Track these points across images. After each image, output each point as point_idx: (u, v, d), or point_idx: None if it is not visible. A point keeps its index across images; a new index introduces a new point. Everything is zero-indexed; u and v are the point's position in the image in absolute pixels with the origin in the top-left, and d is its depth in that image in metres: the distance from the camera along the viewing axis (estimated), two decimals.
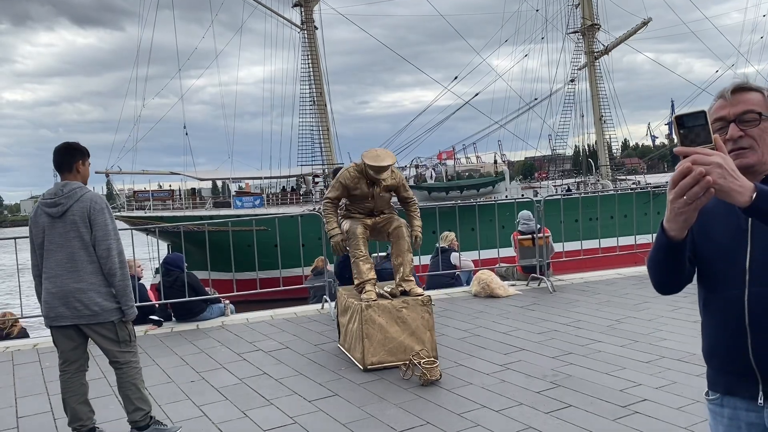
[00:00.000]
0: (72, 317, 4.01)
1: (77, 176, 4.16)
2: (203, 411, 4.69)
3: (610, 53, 42.05)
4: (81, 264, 3.99)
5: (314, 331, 7.01)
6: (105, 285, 4.04)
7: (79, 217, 3.98)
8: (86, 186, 4.17)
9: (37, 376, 5.86)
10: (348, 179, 5.87)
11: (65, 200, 4.01)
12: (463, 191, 32.22)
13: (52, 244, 4.02)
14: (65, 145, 4.23)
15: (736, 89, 1.81)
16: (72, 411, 4.10)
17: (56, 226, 4.00)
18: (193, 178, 35.97)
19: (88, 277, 4.00)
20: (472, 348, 5.97)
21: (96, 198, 4.07)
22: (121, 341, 4.10)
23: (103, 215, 4.01)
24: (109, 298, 4.05)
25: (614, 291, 8.27)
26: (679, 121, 1.57)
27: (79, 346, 4.17)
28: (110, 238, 4.01)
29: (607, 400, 4.44)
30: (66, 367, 4.15)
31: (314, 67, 36.61)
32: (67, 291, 3.98)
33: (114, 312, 4.06)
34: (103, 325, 4.04)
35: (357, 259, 5.84)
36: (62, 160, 4.15)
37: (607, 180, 39.10)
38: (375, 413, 4.44)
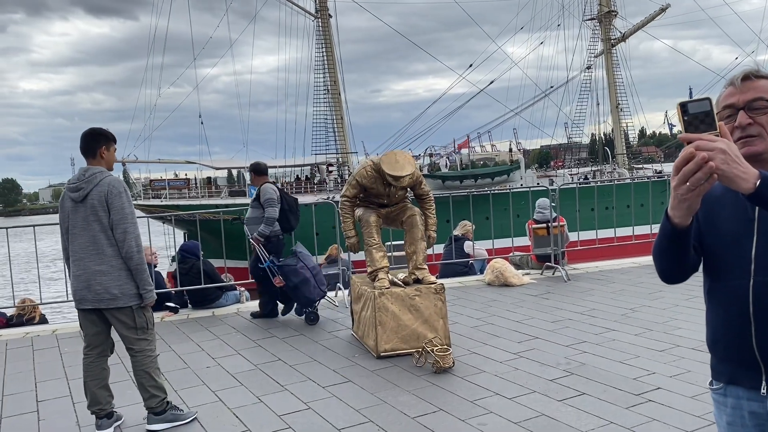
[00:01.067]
0: (93, 300, 4.07)
1: (101, 162, 4.21)
2: (219, 396, 4.75)
3: (627, 40, 41.56)
4: (102, 247, 4.05)
5: (328, 318, 7.06)
6: (125, 269, 4.08)
7: (98, 201, 4.03)
8: (108, 171, 4.21)
9: (56, 361, 5.97)
10: (365, 178, 5.85)
11: (86, 185, 4.06)
12: (477, 180, 32.11)
13: (75, 228, 4.09)
14: (90, 130, 4.27)
15: (747, 76, 1.79)
16: (92, 395, 4.17)
17: (78, 210, 4.07)
18: (209, 167, 36.20)
19: (109, 260, 4.05)
20: (485, 336, 5.98)
21: (114, 182, 4.11)
22: (138, 328, 4.15)
23: (120, 199, 4.05)
24: (129, 282, 4.09)
25: (629, 280, 8.22)
26: (683, 108, 1.55)
27: (102, 332, 4.24)
28: (127, 221, 4.05)
29: (620, 388, 4.43)
30: (89, 351, 4.22)
31: (328, 55, 36.57)
32: (89, 274, 4.05)
33: (133, 297, 4.11)
34: (121, 310, 4.10)
35: (370, 247, 5.86)
36: (86, 146, 4.20)
37: (623, 168, 38.76)
38: (388, 399, 4.47)
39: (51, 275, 23.47)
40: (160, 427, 4.17)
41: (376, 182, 5.82)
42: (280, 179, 37.95)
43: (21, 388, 5.24)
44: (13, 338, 6.95)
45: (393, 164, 5.66)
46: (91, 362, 4.20)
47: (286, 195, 7.45)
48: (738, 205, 1.73)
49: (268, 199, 7.05)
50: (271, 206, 7.04)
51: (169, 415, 4.21)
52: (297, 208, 7.50)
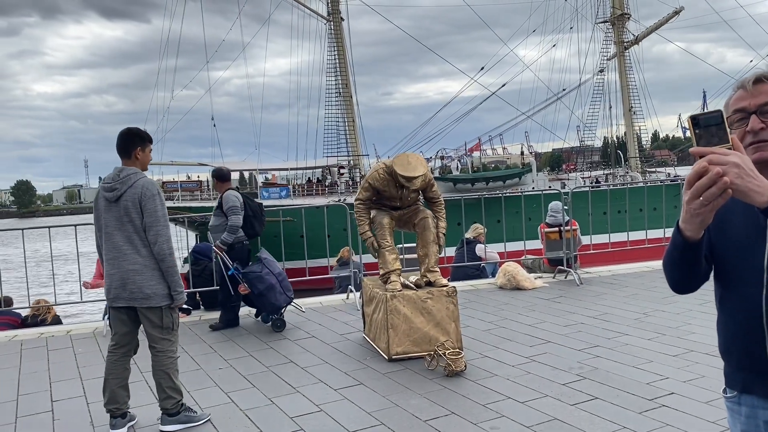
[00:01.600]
0: (127, 299, 4.13)
1: (135, 162, 4.25)
2: (231, 398, 4.77)
3: (640, 43, 41.34)
4: (136, 247, 4.10)
5: (339, 321, 7.07)
6: (158, 269, 4.13)
7: (131, 203, 4.08)
8: (142, 172, 4.24)
9: (70, 361, 6.02)
10: (377, 181, 5.86)
11: (120, 185, 4.11)
12: (488, 183, 32.01)
13: (109, 227, 4.14)
14: (126, 130, 4.31)
15: (759, 79, 1.73)
16: (111, 393, 4.22)
17: (112, 209, 4.12)
18: None
19: (143, 259, 4.10)
20: (498, 340, 5.97)
21: (148, 184, 4.14)
22: (164, 327, 4.20)
23: (153, 202, 4.09)
24: (161, 282, 4.14)
25: (642, 284, 8.17)
26: (694, 122, 1.53)
27: (131, 332, 4.29)
28: (159, 224, 4.09)
29: (633, 393, 4.41)
30: (115, 349, 4.27)
31: (340, 58, 36.67)
32: (123, 273, 4.10)
33: (165, 297, 4.16)
34: (152, 310, 4.15)
35: (383, 249, 5.87)
36: (122, 146, 4.25)
37: (636, 172, 38.52)
38: (400, 402, 4.47)
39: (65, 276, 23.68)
40: (174, 428, 4.20)
41: (388, 185, 5.84)
42: (291, 181, 38.09)
43: (36, 387, 5.29)
44: (28, 338, 7.02)
45: (405, 165, 5.68)
46: (116, 360, 4.25)
47: (250, 201, 7.36)
48: (749, 213, 1.67)
49: (230, 207, 6.95)
50: (234, 214, 6.94)
51: (183, 417, 4.24)
52: (262, 213, 7.43)
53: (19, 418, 4.61)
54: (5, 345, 6.78)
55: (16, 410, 4.78)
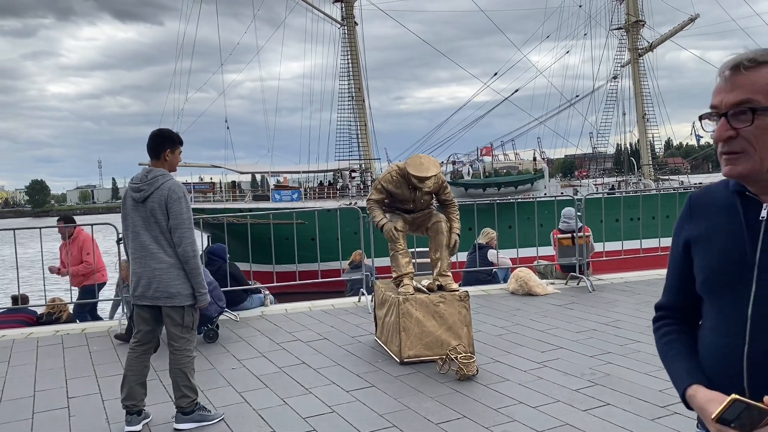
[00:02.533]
0: (152, 298, 4.20)
1: (164, 164, 4.31)
2: (244, 398, 4.81)
3: (654, 50, 41.17)
4: (162, 247, 4.16)
5: (351, 323, 7.10)
6: (182, 269, 4.19)
7: (158, 205, 4.14)
8: (170, 174, 4.30)
9: (85, 359, 6.09)
10: (390, 182, 5.90)
11: (147, 186, 4.18)
12: (500, 188, 31.97)
13: (136, 227, 4.21)
14: (157, 132, 4.38)
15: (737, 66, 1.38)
16: (129, 389, 4.28)
17: (139, 210, 4.19)
18: (234, 171, 36.58)
19: (169, 259, 4.16)
20: (509, 345, 5.97)
21: (175, 187, 4.19)
22: (184, 326, 4.26)
23: (179, 204, 4.14)
24: (186, 282, 4.20)
25: (655, 291, 8.14)
26: (723, 422, 1.40)
27: (153, 330, 4.36)
28: (184, 226, 4.15)
29: (645, 399, 4.41)
30: (136, 346, 4.34)
31: (353, 62, 36.79)
32: (149, 272, 4.17)
33: (188, 297, 4.21)
34: (175, 309, 4.21)
35: (396, 252, 5.90)
36: (152, 147, 4.32)
37: (649, 179, 38.32)
38: (412, 405, 4.50)
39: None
40: (188, 426, 4.25)
41: (401, 186, 5.87)
42: (303, 184, 38.21)
43: (52, 384, 5.36)
44: (43, 336, 7.11)
45: (418, 166, 5.72)
46: (136, 357, 4.32)
47: None
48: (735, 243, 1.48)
49: None
50: None
51: (197, 416, 4.28)
52: None
53: (36, 414, 4.67)
54: (22, 342, 6.87)
55: (33, 406, 4.85)
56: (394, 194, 5.95)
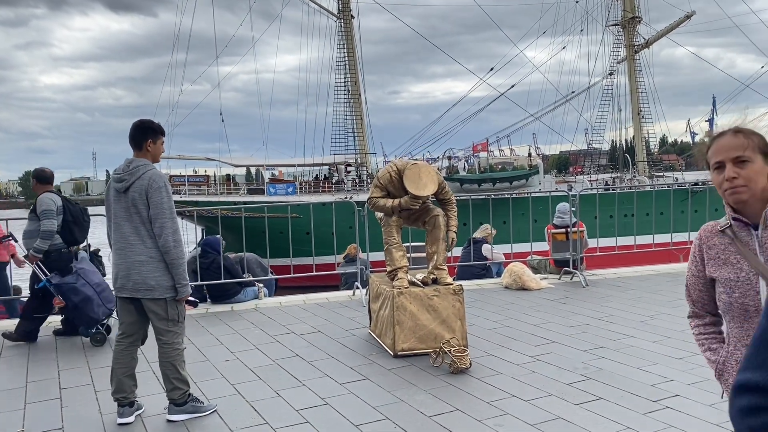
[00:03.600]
0: (131, 290, 4.17)
1: (147, 154, 4.29)
2: (238, 389, 4.81)
3: (650, 47, 41.21)
4: (142, 238, 4.13)
5: (345, 317, 7.11)
6: (163, 261, 4.16)
7: (138, 195, 4.11)
8: (152, 164, 4.27)
9: (78, 350, 6.08)
10: (389, 183, 5.90)
11: (128, 177, 4.15)
12: (495, 184, 32.02)
13: (118, 217, 4.19)
14: (139, 122, 4.35)
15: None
16: (118, 382, 4.26)
17: (121, 200, 4.17)
18: (229, 164, 36.49)
19: (148, 251, 4.13)
20: (503, 339, 5.99)
21: (155, 176, 4.16)
22: (169, 319, 4.23)
23: (159, 194, 4.11)
24: (166, 274, 4.16)
25: (648, 287, 8.18)
26: None
27: (138, 322, 4.32)
28: (164, 216, 4.11)
29: (637, 394, 4.43)
30: (122, 338, 4.32)
31: (349, 56, 36.71)
32: (129, 263, 4.14)
33: (169, 290, 4.18)
34: (156, 301, 4.18)
35: (390, 246, 5.90)
36: (134, 138, 4.29)
37: (643, 176, 38.44)
38: (405, 398, 4.51)
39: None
40: (180, 417, 4.24)
41: (397, 188, 5.88)
42: (298, 178, 38.17)
43: (44, 375, 5.35)
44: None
45: (416, 182, 5.67)
46: (122, 350, 4.29)
47: (71, 204, 6.70)
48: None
49: (44, 210, 6.31)
50: (47, 218, 6.28)
51: (190, 407, 4.28)
52: (84, 218, 6.69)
53: (29, 405, 4.66)
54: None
55: (26, 396, 4.83)
56: (391, 193, 5.94)
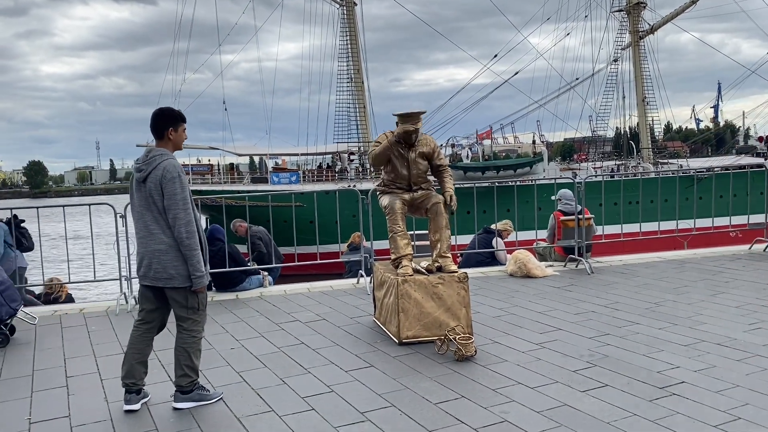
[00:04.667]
0: (152, 279, 4.18)
1: (168, 143, 4.26)
2: (243, 377, 4.82)
3: (655, 33, 40.88)
4: (162, 228, 4.13)
5: (350, 305, 7.11)
6: None
7: (154, 185, 4.09)
8: (169, 153, 4.21)
9: (84, 339, 6.09)
10: (383, 139, 6.02)
11: (146, 166, 4.13)
12: (499, 171, 31.94)
13: (139, 206, 4.19)
14: (159, 111, 4.30)
15: None
16: (129, 367, 4.27)
17: (140, 190, 4.16)
18: (232, 153, 36.47)
19: (168, 240, 4.13)
20: (508, 326, 5.98)
21: (169, 167, 4.11)
22: (189, 307, 4.23)
23: (173, 184, 4.07)
24: (185, 263, 4.15)
25: (654, 274, 8.15)
26: None
27: (158, 310, 4.33)
28: (177, 207, 4.07)
29: (644, 381, 4.41)
30: (140, 324, 4.33)
31: (352, 43, 36.51)
32: (149, 252, 4.15)
33: (188, 279, 4.17)
34: (176, 290, 4.19)
35: (395, 234, 5.88)
36: (155, 126, 4.26)
37: (648, 163, 38.28)
38: (410, 385, 4.50)
39: (81, 255, 23.92)
40: (187, 405, 4.25)
41: (396, 145, 5.96)
42: (301, 166, 38.12)
43: (51, 363, 5.37)
44: (42, 315, 7.09)
45: (405, 110, 5.88)
46: (139, 335, 4.31)
47: None
48: None
49: None
50: None
51: (196, 395, 4.28)
52: None
53: (35, 393, 4.68)
54: (20, 321, 6.85)
55: (32, 385, 4.85)
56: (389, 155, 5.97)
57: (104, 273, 9.11)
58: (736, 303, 6.44)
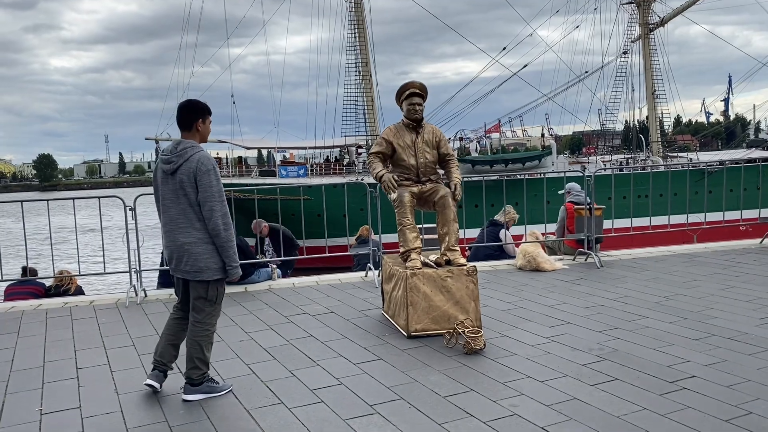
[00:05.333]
0: (181, 271, 4.22)
1: (195, 135, 4.26)
2: (252, 369, 4.83)
3: (665, 25, 40.54)
4: (191, 221, 4.14)
5: (358, 298, 7.11)
6: (212, 243, 4.17)
7: (186, 177, 4.09)
8: (199, 145, 4.23)
9: (94, 331, 6.12)
10: (389, 133, 6.04)
11: (176, 158, 4.12)
12: (507, 165, 31.83)
13: (166, 200, 4.19)
14: (186, 103, 4.31)
15: None
16: (162, 347, 4.40)
17: (169, 182, 4.16)
18: (240, 146, 36.52)
19: (197, 233, 4.14)
20: (517, 320, 5.97)
21: (204, 159, 4.12)
22: (208, 299, 4.27)
23: (208, 177, 4.08)
24: (214, 256, 4.18)
25: (663, 268, 8.11)
26: None
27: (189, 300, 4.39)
28: (214, 199, 4.09)
29: (654, 375, 4.39)
30: (176, 310, 4.46)
31: (360, 36, 36.42)
32: (178, 245, 4.17)
33: (216, 271, 4.20)
34: (201, 283, 4.22)
35: (404, 227, 5.87)
36: (182, 119, 4.25)
37: (657, 157, 38.04)
38: (419, 378, 4.50)
39: (91, 248, 24.03)
40: (196, 397, 4.27)
41: (401, 133, 6.01)
42: (309, 160, 38.13)
43: (61, 355, 5.40)
44: (52, 307, 7.15)
45: None
46: (174, 319, 4.43)
47: None
48: None
49: None
50: None
51: (205, 387, 4.30)
52: None
53: (46, 384, 4.71)
54: (31, 313, 6.91)
55: (43, 376, 4.88)
56: (396, 144, 5.98)
57: (113, 266, 9.15)
58: (747, 297, 6.40)
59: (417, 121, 6.02)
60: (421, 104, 6.00)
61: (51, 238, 8.12)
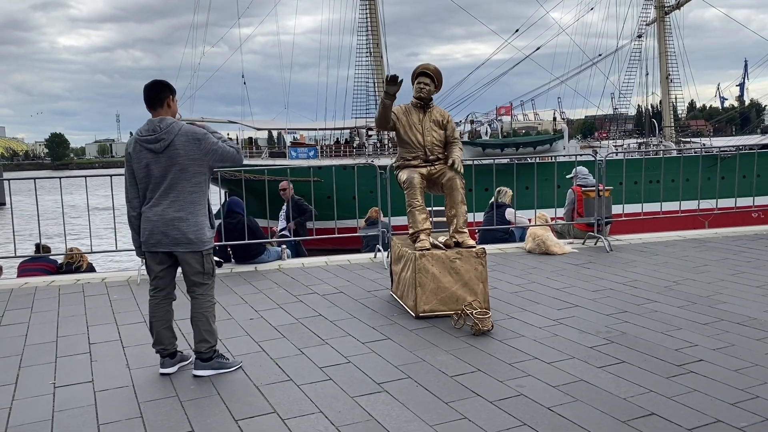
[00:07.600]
0: (169, 244, 4.24)
1: (168, 111, 4.31)
2: (262, 347, 4.88)
3: (681, 8, 39.97)
4: (182, 194, 4.19)
5: (367, 278, 7.14)
6: (203, 215, 4.26)
7: (183, 150, 4.14)
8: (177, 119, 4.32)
9: (106, 308, 6.20)
10: (399, 110, 6.09)
11: (166, 135, 4.15)
12: (518, 149, 31.65)
13: (156, 177, 4.21)
14: (155, 81, 4.35)
15: None
16: (157, 334, 4.40)
17: (160, 160, 4.17)
18: (251, 127, 36.55)
19: (188, 206, 4.20)
20: (525, 302, 5.98)
21: (192, 129, 4.23)
22: (205, 272, 4.32)
23: (207, 139, 4.21)
24: (204, 228, 4.25)
25: (673, 253, 8.08)
26: None
27: (168, 274, 4.40)
28: (220, 147, 4.25)
29: (661, 358, 4.40)
30: (155, 293, 4.41)
31: (371, 16, 36.17)
32: (167, 219, 4.20)
33: (206, 243, 4.28)
34: (194, 254, 4.27)
35: (413, 209, 5.88)
36: (154, 96, 4.29)
37: (670, 142, 37.70)
38: (427, 358, 4.54)
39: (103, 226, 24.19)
40: (207, 373, 4.32)
41: (410, 111, 6.07)
42: (319, 142, 38.11)
43: (74, 330, 5.48)
44: (65, 284, 7.24)
45: None
46: (157, 304, 4.39)
47: None
48: None
49: None
50: None
51: (216, 363, 4.36)
52: None
53: (59, 359, 4.78)
54: (44, 289, 7.00)
55: (56, 351, 4.96)
56: (405, 120, 6.03)
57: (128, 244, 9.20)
58: (758, 283, 6.38)
59: (422, 99, 6.05)
60: (428, 84, 6.04)
61: (63, 217, 8.19)
